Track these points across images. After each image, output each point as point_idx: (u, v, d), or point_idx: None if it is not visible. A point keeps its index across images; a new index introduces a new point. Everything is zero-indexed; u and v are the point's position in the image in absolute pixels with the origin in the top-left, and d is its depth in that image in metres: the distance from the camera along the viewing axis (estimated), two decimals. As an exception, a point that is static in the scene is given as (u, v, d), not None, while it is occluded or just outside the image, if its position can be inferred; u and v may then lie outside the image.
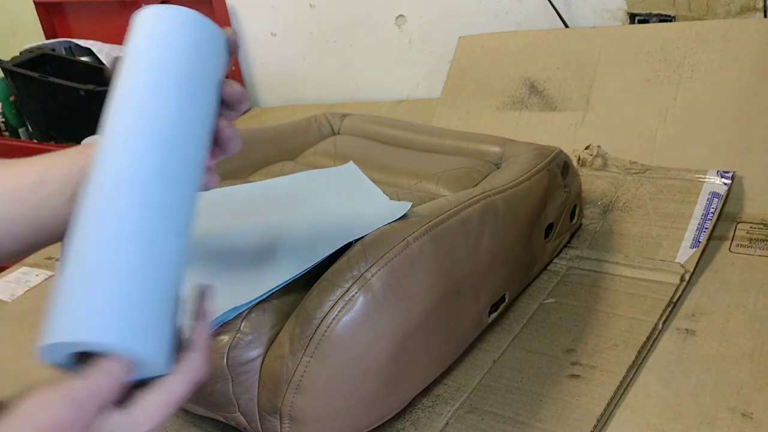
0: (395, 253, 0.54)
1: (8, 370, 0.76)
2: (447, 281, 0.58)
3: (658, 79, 0.97)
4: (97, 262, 0.36)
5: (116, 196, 0.38)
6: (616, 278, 0.75)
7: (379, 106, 1.31)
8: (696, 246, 0.76)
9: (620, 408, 0.59)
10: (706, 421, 0.56)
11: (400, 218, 0.57)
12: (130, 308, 0.35)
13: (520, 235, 0.69)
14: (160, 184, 0.39)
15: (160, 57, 0.42)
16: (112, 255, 0.36)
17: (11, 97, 1.61)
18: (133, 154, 0.39)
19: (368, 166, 0.77)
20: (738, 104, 0.90)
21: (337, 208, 0.64)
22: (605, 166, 0.93)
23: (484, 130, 0.95)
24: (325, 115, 0.93)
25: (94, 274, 0.36)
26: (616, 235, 0.82)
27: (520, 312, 0.72)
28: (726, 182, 0.83)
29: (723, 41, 0.94)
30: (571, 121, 1.01)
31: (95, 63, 1.47)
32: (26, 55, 1.51)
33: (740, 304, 0.69)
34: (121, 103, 0.41)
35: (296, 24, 1.42)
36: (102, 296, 0.35)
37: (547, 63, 1.07)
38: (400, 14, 1.30)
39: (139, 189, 0.38)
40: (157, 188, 0.38)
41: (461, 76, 1.15)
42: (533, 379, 0.63)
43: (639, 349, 0.64)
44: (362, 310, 0.51)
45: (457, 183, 0.73)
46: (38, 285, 0.92)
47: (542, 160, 0.75)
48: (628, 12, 1.08)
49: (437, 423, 0.60)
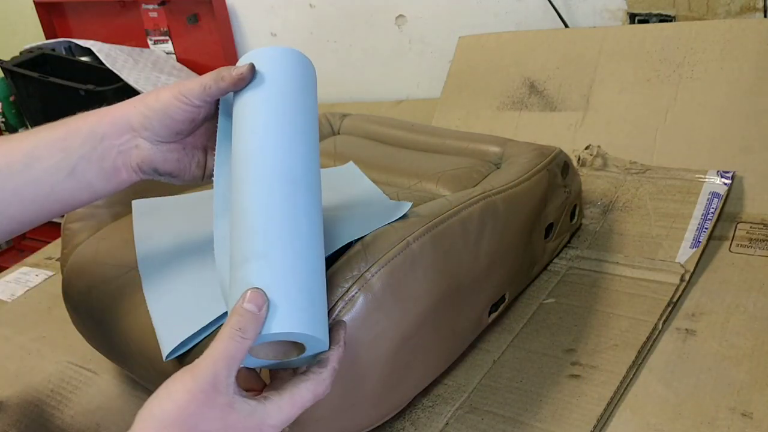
0: (395, 253, 0.54)
1: (8, 370, 0.76)
2: (447, 281, 0.58)
3: (658, 79, 0.97)
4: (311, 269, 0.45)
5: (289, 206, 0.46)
6: (616, 278, 0.75)
7: (379, 106, 1.30)
8: (696, 246, 0.76)
9: (620, 408, 0.59)
10: (706, 421, 0.56)
11: (400, 218, 0.57)
12: (323, 306, 0.45)
13: (520, 235, 0.69)
14: (317, 194, 0.48)
15: (292, 99, 0.50)
16: (312, 263, 0.45)
17: (11, 97, 1.61)
18: (305, 186, 0.47)
19: (368, 166, 0.77)
20: (738, 104, 0.90)
21: (336, 208, 0.64)
22: (605, 166, 0.93)
23: (484, 130, 0.95)
24: (325, 115, 0.93)
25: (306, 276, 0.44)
26: (616, 235, 0.82)
27: (520, 312, 0.72)
28: (726, 182, 0.83)
29: (723, 41, 0.94)
30: (571, 121, 1.01)
31: (95, 63, 1.47)
32: (26, 55, 1.51)
33: (740, 304, 0.69)
34: (277, 135, 0.48)
35: (296, 24, 1.42)
36: (310, 295, 0.44)
37: (547, 63, 1.07)
38: (400, 14, 1.30)
39: (306, 197, 0.47)
40: (315, 198, 0.48)
41: (461, 76, 1.15)
42: (533, 379, 0.63)
43: (639, 349, 0.64)
44: (362, 310, 0.51)
45: (457, 183, 0.73)
46: (38, 285, 0.92)
47: (542, 160, 0.74)
48: (628, 12, 1.08)
49: (437, 423, 0.60)
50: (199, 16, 1.48)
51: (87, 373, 0.73)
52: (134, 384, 0.70)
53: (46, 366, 0.75)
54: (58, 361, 0.75)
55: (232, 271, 0.44)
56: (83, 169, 0.49)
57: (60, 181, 0.48)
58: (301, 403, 0.42)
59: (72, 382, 0.72)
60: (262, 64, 0.51)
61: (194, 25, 1.49)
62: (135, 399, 0.68)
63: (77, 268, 0.66)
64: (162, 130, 0.51)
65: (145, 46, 1.57)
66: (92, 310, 0.63)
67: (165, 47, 1.56)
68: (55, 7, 1.68)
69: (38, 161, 0.48)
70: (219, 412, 0.39)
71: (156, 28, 1.55)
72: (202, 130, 0.54)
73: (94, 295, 0.63)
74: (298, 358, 0.44)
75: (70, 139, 0.49)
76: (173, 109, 0.50)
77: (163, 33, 1.55)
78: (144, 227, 0.66)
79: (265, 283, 0.42)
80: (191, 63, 1.53)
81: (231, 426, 0.39)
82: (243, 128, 0.49)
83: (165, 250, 0.62)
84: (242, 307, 0.40)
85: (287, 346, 0.45)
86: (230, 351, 0.40)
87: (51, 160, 0.48)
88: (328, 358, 0.44)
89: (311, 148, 0.49)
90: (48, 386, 0.72)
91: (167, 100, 0.50)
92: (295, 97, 0.50)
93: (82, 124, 0.50)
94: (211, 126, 0.54)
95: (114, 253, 0.65)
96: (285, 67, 0.51)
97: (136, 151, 0.51)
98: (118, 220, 0.71)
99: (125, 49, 1.49)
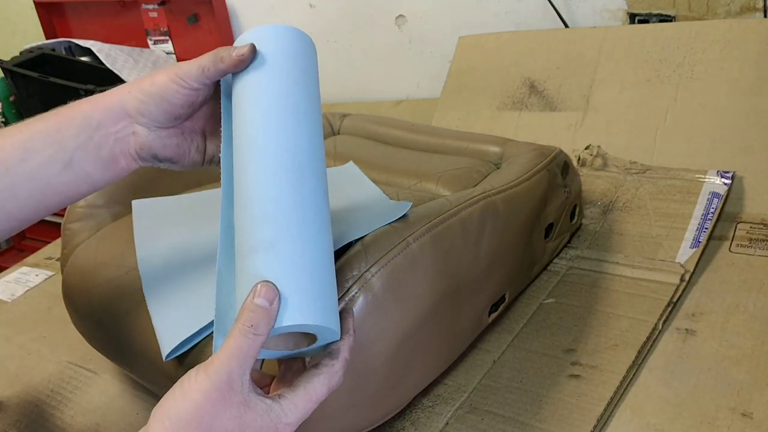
0: (395, 253, 0.54)
1: (8, 370, 0.76)
2: (447, 281, 0.58)
3: (658, 79, 0.97)
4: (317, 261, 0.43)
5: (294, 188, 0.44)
6: (616, 278, 0.75)
7: (379, 106, 1.31)
8: (696, 246, 0.76)
9: (620, 408, 0.59)
10: (706, 421, 0.56)
11: (400, 218, 0.57)
12: (333, 295, 0.44)
13: (520, 235, 0.69)
14: (322, 180, 0.47)
15: (293, 77, 0.48)
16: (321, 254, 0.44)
17: (11, 97, 1.61)
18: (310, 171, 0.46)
19: (368, 166, 0.77)
20: (738, 104, 0.90)
21: (337, 208, 0.64)
22: (605, 166, 0.93)
23: (484, 130, 0.95)
24: (325, 115, 0.93)
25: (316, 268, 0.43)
26: (616, 235, 0.82)
27: (520, 312, 0.72)
28: (726, 182, 0.83)
29: (723, 41, 0.94)
30: (571, 121, 1.01)
31: (95, 63, 1.47)
32: (26, 55, 1.52)
33: (740, 304, 0.69)
34: (280, 117, 0.46)
35: (296, 24, 1.40)
36: (321, 287, 0.43)
37: (547, 63, 1.07)
38: (400, 14, 1.30)
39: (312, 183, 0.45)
40: (321, 184, 0.46)
41: (461, 76, 1.15)
42: (533, 379, 0.63)
43: (639, 349, 0.64)
44: (362, 310, 0.51)
45: (457, 183, 0.73)
46: (38, 285, 0.92)
47: (542, 160, 0.74)
48: (628, 12, 1.08)
49: (437, 423, 0.60)
50: (199, 16, 1.48)
51: (87, 373, 0.73)
52: (134, 384, 0.70)
53: (46, 366, 0.75)
54: (58, 361, 0.75)
55: (239, 262, 0.43)
56: (80, 160, 0.48)
57: (57, 174, 0.47)
58: (316, 398, 0.42)
59: (72, 382, 0.72)
60: (261, 44, 0.48)
61: (194, 25, 1.49)
62: (135, 399, 0.68)
63: (77, 268, 0.66)
64: (159, 115, 0.49)
65: (145, 46, 1.57)
66: (92, 310, 0.63)
67: (165, 47, 1.56)
68: (55, 7, 1.68)
69: (33, 154, 0.46)
70: (235, 410, 0.39)
71: (156, 28, 1.55)
72: (200, 114, 0.52)
73: (94, 295, 0.63)
74: (310, 348, 0.44)
75: (64, 129, 0.47)
76: (170, 92, 0.48)
77: (163, 33, 1.55)
78: (144, 227, 0.65)
79: (275, 275, 0.41)
80: (191, 63, 1.53)
81: (247, 424, 0.39)
82: (244, 113, 0.47)
83: (165, 250, 0.62)
84: (253, 302, 0.39)
85: (298, 337, 0.44)
86: (244, 348, 0.39)
87: (46, 152, 0.46)
88: (338, 348, 0.43)
89: (315, 131, 0.47)
90: (48, 386, 0.72)
91: (164, 84, 0.48)
92: (296, 78, 0.48)
93: (76, 113, 0.48)
94: (209, 109, 0.52)
95: (114, 253, 0.65)
96: (285, 46, 0.49)
97: (134, 137, 0.49)
98: (118, 220, 0.71)
99: (125, 49, 1.50)
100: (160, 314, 0.55)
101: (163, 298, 0.56)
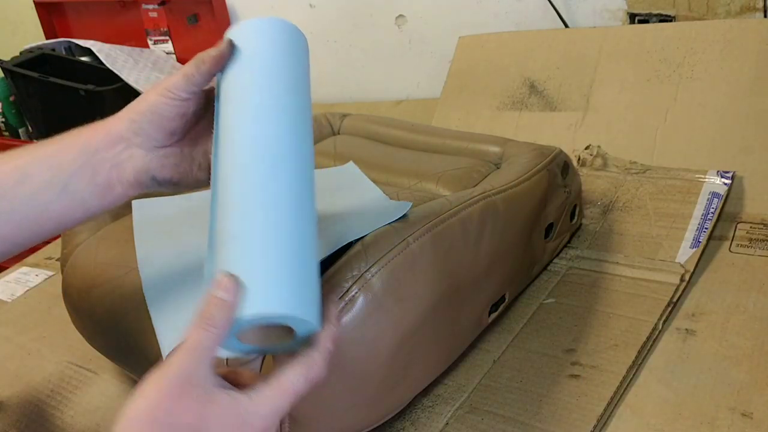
0: (395, 253, 0.54)
1: (8, 370, 0.76)
2: (447, 281, 0.58)
3: (658, 79, 0.97)
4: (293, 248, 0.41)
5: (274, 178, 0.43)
6: (616, 278, 0.75)
7: (379, 106, 1.31)
8: (696, 246, 0.76)
9: (620, 408, 0.59)
10: (706, 421, 0.56)
11: (400, 218, 0.57)
12: (311, 286, 0.41)
13: (520, 235, 0.69)
14: (306, 168, 0.45)
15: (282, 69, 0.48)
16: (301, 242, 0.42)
17: (11, 97, 1.61)
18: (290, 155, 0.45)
19: (368, 166, 0.77)
20: (738, 104, 0.90)
21: (337, 208, 0.64)
22: (605, 166, 0.93)
23: (484, 130, 0.95)
24: (325, 115, 0.93)
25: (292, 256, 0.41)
26: (616, 235, 0.82)
27: (520, 312, 0.72)
28: (726, 182, 0.83)
29: (723, 41, 0.94)
30: (571, 121, 1.01)
31: (95, 63, 1.47)
32: (26, 55, 1.52)
33: (740, 304, 0.69)
34: (255, 109, 0.45)
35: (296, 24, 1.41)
36: (297, 274, 0.41)
37: (547, 63, 1.07)
38: (400, 14, 1.30)
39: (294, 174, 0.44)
40: (304, 172, 0.45)
41: (461, 76, 1.15)
42: (533, 379, 0.63)
43: (639, 349, 0.64)
44: (362, 310, 0.51)
45: (457, 183, 0.73)
46: (38, 285, 0.92)
47: (542, 160, 0.74)
48: (628, 12, 1.08)
49: (437, 423, 0.60)
50: (199, 16, 1.48)
51: (87, 373, 0.73)
52: (134, 384, 0.69)
53: (46, 366, 0.75)
54: (58, 361, 0.75)
55: (209, 256, 0.43)
56: (76, 185, 0.47)
57: (53, 199, 0.46)
58: (293, 390, 0.40)
59: (72, 382, 0.72)
60: (246, 38, 0.48)
61: (194, 25, 1.49)
62: (135, 399, 0.68)
63: (77, 268, 0.66)
64: (153, 131, 0.48)
65: (145, 46, 1.57)
66: (92, 310, 0.63)
67: (165, 47, 1.56)
68: (55, 7, 1.68)
69: (30, 178, 0.46)
70: (194, 404, 0.37)
71: (156, 28, 1.55)
72: (199, 130, 0.52)
73: (94, 295, 0.63)
74: (290, 343, 0.42)
75: (63, 153, 0.47)
76: (161, 106, 0.48)
77: (163, 33, 1.55)
78: (144, 227, 0.65)
79: (239, 266, 0.40)
80: (191, 63, 1.53)
81: (209, 418, 0.38)
82: (225, 109, 0.47)
83: (165, 250, 0.62)
84: (210, 294, 0.38)
85: (280, 331, 0.42)
86: (202, 342, 0.38)
87: (43, 176, 0.46)
88: (318, 338, 0.42)
89: (299, 120, 0.46)
90: (48, 386, 0.72)
91: (153, 100, 0.48)
92: (279, 70, 0.47)
93: (77, 139, 0.48)
94: (207, 123, 0.51)
95: (114, 253, 0.65)
96: (271, 38, 0.48)
97: (131, 162, 0.49)
98: (118, 220, 0.71)
99: (125, 49, 1.50)
100: (160, 314, 0.55)
101: (163, 298, 0.56)
